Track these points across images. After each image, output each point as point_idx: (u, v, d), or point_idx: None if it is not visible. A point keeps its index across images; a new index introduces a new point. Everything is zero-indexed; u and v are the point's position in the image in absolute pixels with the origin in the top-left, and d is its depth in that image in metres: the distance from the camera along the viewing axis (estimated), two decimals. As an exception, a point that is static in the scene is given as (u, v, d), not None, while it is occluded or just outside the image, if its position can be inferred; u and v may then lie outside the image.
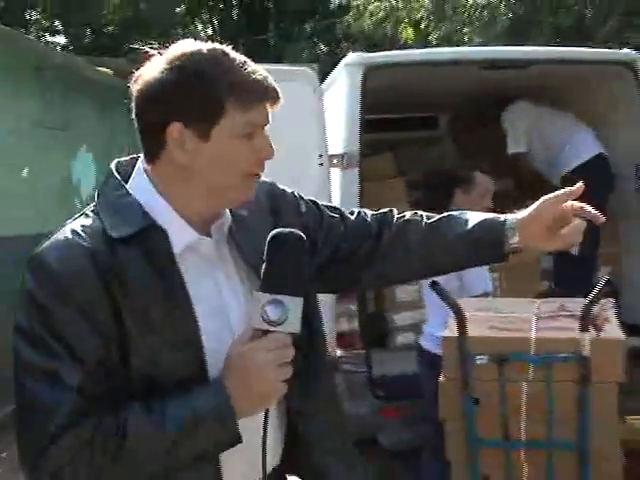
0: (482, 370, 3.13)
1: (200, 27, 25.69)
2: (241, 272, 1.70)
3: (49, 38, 21.68)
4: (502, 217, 1.79)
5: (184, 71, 1.53)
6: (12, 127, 7.42)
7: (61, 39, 23.87)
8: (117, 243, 1.53)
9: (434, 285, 3.28)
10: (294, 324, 1.51)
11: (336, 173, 4.45)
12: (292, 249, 1.55)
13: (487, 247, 1.80)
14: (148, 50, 1.59)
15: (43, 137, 7.92)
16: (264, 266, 1.54)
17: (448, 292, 3.19)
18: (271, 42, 22.81)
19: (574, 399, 3.06)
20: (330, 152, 4.36)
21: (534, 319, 3.26)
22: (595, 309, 3.12)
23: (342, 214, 1.96)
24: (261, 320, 1.50)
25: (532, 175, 5.85)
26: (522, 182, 5.98)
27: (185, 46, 1.57)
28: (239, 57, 1.59)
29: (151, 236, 1.56)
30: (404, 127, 6.78)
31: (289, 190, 1.90)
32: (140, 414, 1.50)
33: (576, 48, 5.56)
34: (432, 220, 1.91)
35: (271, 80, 1.58)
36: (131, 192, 1.60)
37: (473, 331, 3.16)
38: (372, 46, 20.45)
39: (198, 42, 1.60)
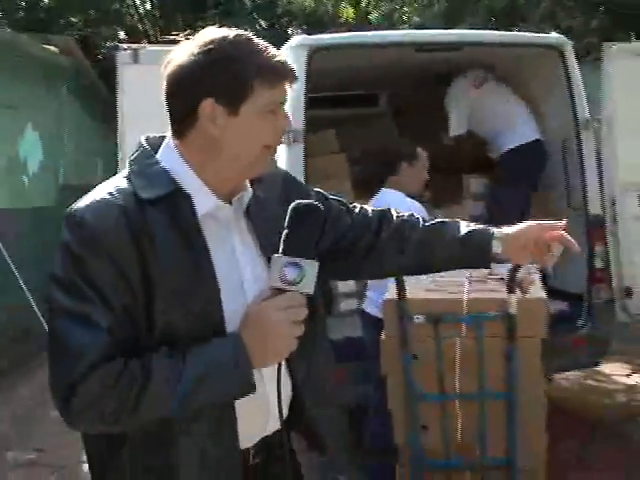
0: (419, 329, 3.38)
1: (138, 1, 25.05)
2: (254, 243, 1.82)
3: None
4: (491, 229, 2.01)
5: (216, 54, 1.66)
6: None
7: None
8: (146, 204, 1.64)
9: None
10: (309, 285, 1.63)
11: (282, 149, 4.64)
12: (312, 218, 1.68)
13: (476, 253, 2.00)
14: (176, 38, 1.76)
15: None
16: (285, 231, 1.66)
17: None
18: (211, 17, 22.48)
19: (503, 354, 3.31)
20: None
21: (466, 283, 3.51)
22: (521, 273, 3.40)
23: (347, 206, 2.12)
24: (279, 280, 1.61)
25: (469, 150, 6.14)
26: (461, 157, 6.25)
27: (214, 32, 1.70)
28: (262, 42, 1.72)
29: (177, 201, 1.68)
30: (346, 104, 6.96)
31: (298, 180, 2.07)
32: (162, 359, 1.59)
33: (507, 32, 5.79)
34: (429, 222, 2.09)
35: (289, 63, 1.73)
36: (160, 160, 1.73)
37: (411, 294, 3.41)
38: (311, 23, 20.55)
39: (224, 29, 1.72)
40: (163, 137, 1.80)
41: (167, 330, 1.63)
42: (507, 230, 2.00)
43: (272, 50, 1.72)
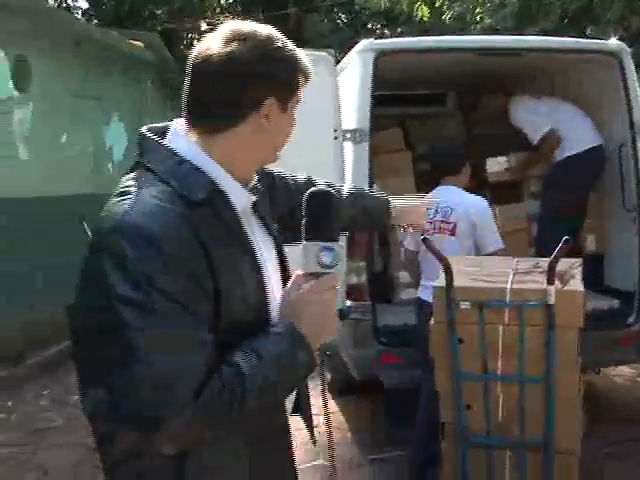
0: (465, 315, 3.61)
1: None
2: (263, 230, 1.86)
3: (70, 2, 21.07)
4: (388, 200, 2.45)
5: (276, 54, 1.67)
6: (54, 98, 7.89)
7: (83, 3, 23.29)
8: (193, 206, 1.57)
9: (426, 242, 3.82)
10: (342, 267, 1.69)
11: (349, 147, 4.92)
12: (332, 203, 1.70)
13: (374, 220, 2.37)
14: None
15: (81, 107, 8.37)
16: (306, 219, 1.67)
17: (437, 248, 3.72)
18: (291, 11, 22.56)
19: (542, 340, 3.51)
20: (344, 128, 4.81)
21: (511, 273, 3.72)
22: (564, 267, 3.64)
23: (285, 178, 2.26)
24: (317, 265, 1.64)
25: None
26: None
27: (243, 24, 1.69)
28: (289, 41, 1.74)
29: (217, 200, 1.64)
30: (413, 103, 7.19)
31: None
32: (243, 356, 1.57)
33: (567, 38, 5.90)
34: (348, 189, 2.40)
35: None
36: (185, 157, 1.64)
37: (459, 282, 3.66)
38: (390, 19, 20.64)
39: (251, 23, 1.71)
40: (163, 127, 1.76)
41: (231, 330, 1.60)
42: (399, 204, 2.41)
43: (299, 49, 1.76)
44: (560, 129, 5.81)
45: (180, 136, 1.69)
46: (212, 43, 1.65)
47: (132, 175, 1.66)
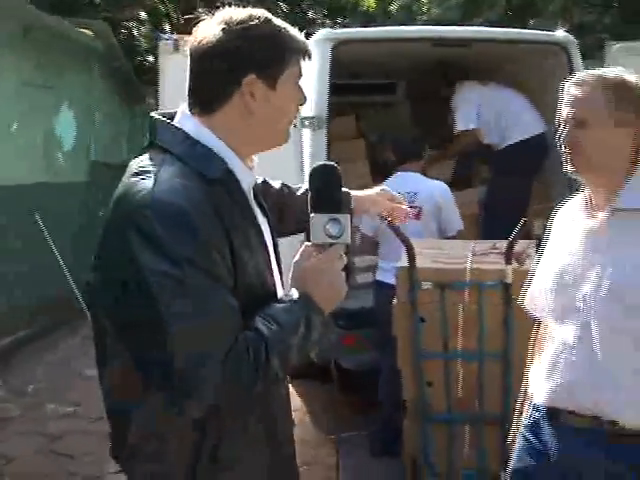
0: (427, 295, 3.77)
1: None
2: (258, 209, 1.91)
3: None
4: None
5: (255, 32, 1.71)
6: (3, 87, 7.84)
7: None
8: (211, 183, 1.65)
9: (390, 224, 3.93)
10: (349, 236, 1.75)
11: (307, 133, 5.01)
12: (335, 176, 1.79)
13: None
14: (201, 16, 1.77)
15: (31, 96, 8.35)
16: (313, 193, 1.77)
17: (402, 230, 3.83)
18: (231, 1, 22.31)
19: (500, 318, 3.69)
20: (302, 115, 4.89)
21: (470, 255, 3.89)
22: (520, 247, 3.80)
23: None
24: (325, 236, 1.73)
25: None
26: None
27: (244, 11, 1.75)
28: (281, 21, 1.79)
29: (229, 178, 1.72)
30: (363, 92, 7.28)
31: None
32: (263, 322, 1.66)
33: (516, 30, 6.07)
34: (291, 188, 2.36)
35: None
36: (198, 139, 1.72)
37: (420, 263, 3.80)
38: (332, 10, 20.70)
39: (247, 8, 1.77)
40: (167, 114, 1.82)
41: (246, 300, 1.67)
42: (356, 194, 2.35)
43: (292, 28, 1.81)
44: (506, 117, 5.94)
45: (189, 119, 1.76)
46: (200, 30, 1.75)
47: (147, 156, 1.74)
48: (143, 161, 1.72)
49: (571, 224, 2.35)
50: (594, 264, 2.21)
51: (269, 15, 1.78)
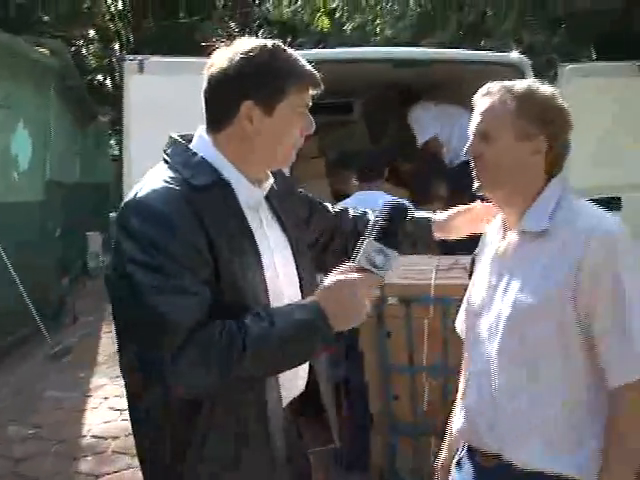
0: (393, 310, 3.85)
1: (110, 1, 24.54)
2: (278, 227, 2.04)
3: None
4: (430, 216, 2.54)
5: (257, 61, 1.83)
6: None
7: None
8: (198, 191, 1.80)
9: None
10: (389, 273, 1.81)
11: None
12: (405, 218, 1.87)
13: (419, 239, 2.51)
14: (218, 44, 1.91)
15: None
16: (381, 222, 1.82)
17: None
18: (182, 18, 22.08)
19: None
20: None
21: (434, 270, 3.97)
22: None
23: (325, 206, 2.45)
24: (367, 262, 1.78)
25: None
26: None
27: (254, 41, 1.88)
28: (292, 51, 1.91)
29: (222, 189, 1.86)
30: (321, 111, 7.37)
31: (289, 177, 2.36)
32: (254, 319, 1.74)
33: (473, 51, 6.22)
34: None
35: (314, 70, 1.91)
36: (198, 152, 1.89)
37: (386, 278, 3.86)
38: (285, 30, 20.79)
39: (261, 39, 1.90)
40: (189, 135, 1.98)
41: (233, 302, 1.78)
42: (441, 216, 2.51)
43: (303, 59, 1.92)
44: (459, 136, 6.05)
45: (202, 137, 1.95)
46: (214, 56, 1.92)
47: (156, 167, 1.93)
48: (150, 171, 1.92)
49: (489, 246, 2.24)
50: (497, 291, 2.10)
51: (278, 47, 1.90)
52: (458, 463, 2.29)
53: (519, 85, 2.12)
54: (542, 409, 2.00)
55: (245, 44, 1.89)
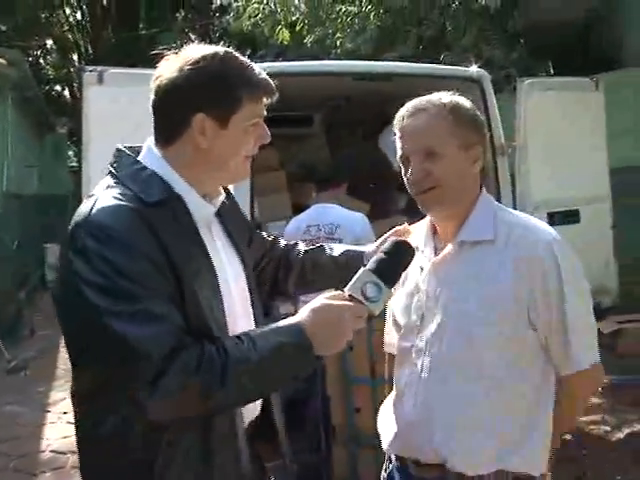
0: None
1: (68, 11, 24.37)
2: (229, 243, 1.99)
3: None
4: (361, 249, 2.36)
5: (207, 71, 1.76)
6: None
7: None
8: (149, 207, 1.71)
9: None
10: (379, 308, 1.77)
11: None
12: (407, 257, 1.87)
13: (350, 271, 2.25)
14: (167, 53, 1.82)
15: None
16: (382, 255, 1.81)
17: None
18: (142, 30, 21.94)
19: None
20: None
21: None
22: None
23: (264, 237, 2.39)
24: (360, 291, 1.74)
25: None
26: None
27: (203, 49, 1.79)
28: (244, 59, 1.83)
29: (174, 203, 1.77)
30: (282, 124, 7.39)
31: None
32: (233, 340, 1.69)
33: (434, 65, 6.29)
34: (309, 248, 2.39)
35: (268, 78, 1.85)
36: (147, 165, 1.80)
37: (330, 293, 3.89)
38: (244, 43, 20.79)
39: (211, 46, 1.82)
40: (136, 147, 1.89)
41: (199, 321, 1.71)
42: (371, 247, 2.34)
43: (256, 67, 1.84)
44: None
45: (151, 148, 1.86)
46: (161, 67, 1.83)
47: (102, 181, 1.84)
48: (96, 186, 1.83)
49: (419, 255, 2.18)
50: (437, 303, 2.11)
51: (230, 54, 1.82)
52: (390, 477, 2.31)
53: (443, 98, 2.14)
54: (491, 412, 2.05)
55: (194, 52, 1.81)
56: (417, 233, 2.30)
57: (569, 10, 10.02)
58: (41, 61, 25.29)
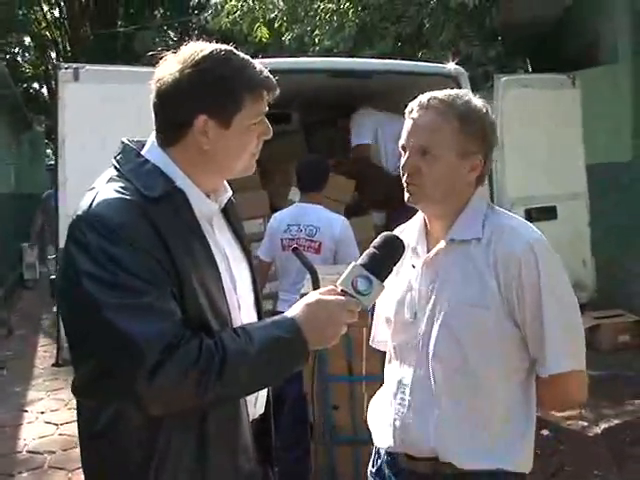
0: None
1: (46, 8, 24.18)
2: (234, 240, 2.00)
3: None
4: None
5: (209, 72, 1.75)
6: None
7: None
8: (151, 201, 1.71)
9: (295, 250, 4.01)
10: (370, 302, 1.81)
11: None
12: (397, 251, 1.89)
13: None
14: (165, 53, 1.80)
15: None
16: (373, 249, 1.84)
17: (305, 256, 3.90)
18: (120, 27, 21.81)
19: None
20: None
21: None
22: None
23: None
24: (350, 285, 1.78)
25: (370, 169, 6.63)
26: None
27: (203, 48, 1.78)
28: (244, 56, 1.82)
29: (175, 198, 1.77)
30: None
31: None
32: (230, 334, 1.71)
33: (412, 62, 6.30)
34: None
35: (269, 74, 1.84)
36: (150, 159, 1.80)
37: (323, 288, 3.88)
38: (223, 40, 20.70)
39: (210, 44, 1.80)
40: (142, 141, 1.89)
41: (198, 315, 1.72)
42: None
43: (257, 64, 1.83)
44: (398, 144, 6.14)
45: (154, 143, 1.86)
46: (160, 68, 1.82)
47: (104, 174, 1.83)
48: (98, 179, 1.82)
49: (411, 254, 2.24)
50: (429, 300, 2.14)
51: (230, 53, 1.81)
52: (378, 471, 2.33)
53: (459, 100, 2.14)
54: (482, 408, 2.09)
55: (195, 52, 1.79)
56: (410, 231, 2.32)
57: (546, 7, 10.05)
58: (19, 59, 25.16)
